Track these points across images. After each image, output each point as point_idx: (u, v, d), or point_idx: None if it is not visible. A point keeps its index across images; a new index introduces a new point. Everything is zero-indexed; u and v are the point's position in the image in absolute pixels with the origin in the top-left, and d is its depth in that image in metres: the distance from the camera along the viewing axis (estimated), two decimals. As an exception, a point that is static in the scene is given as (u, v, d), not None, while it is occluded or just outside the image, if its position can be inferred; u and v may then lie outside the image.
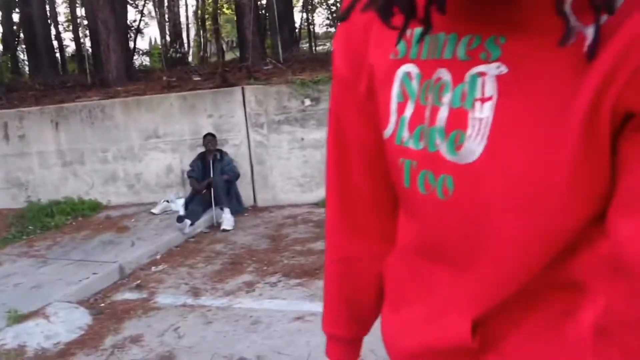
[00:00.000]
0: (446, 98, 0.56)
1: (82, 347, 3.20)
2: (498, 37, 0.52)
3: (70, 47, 16.28)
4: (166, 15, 11.51)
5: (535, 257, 0.55)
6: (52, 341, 3.25)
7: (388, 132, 0.64)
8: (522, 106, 0.51)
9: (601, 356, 0.52)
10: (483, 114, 0.53)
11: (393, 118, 0.63)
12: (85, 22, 11.72)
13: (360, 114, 0.71)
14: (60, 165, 7.02)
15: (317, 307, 3.45)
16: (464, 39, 0.55)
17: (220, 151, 6.28)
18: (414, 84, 0.60)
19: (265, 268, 4.35)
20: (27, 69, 13.61)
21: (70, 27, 15.82)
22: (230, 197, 6.02)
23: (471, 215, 0.57)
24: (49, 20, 12.50)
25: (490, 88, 0.52)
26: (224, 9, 14.76)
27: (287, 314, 3.43)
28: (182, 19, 14.00)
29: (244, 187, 6.41)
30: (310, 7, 14.13)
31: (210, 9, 12.34)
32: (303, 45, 13.91)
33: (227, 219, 5.71)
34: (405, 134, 0.61)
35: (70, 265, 4.60)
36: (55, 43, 13.62)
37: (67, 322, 3.49)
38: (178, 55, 9.10)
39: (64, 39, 16.25)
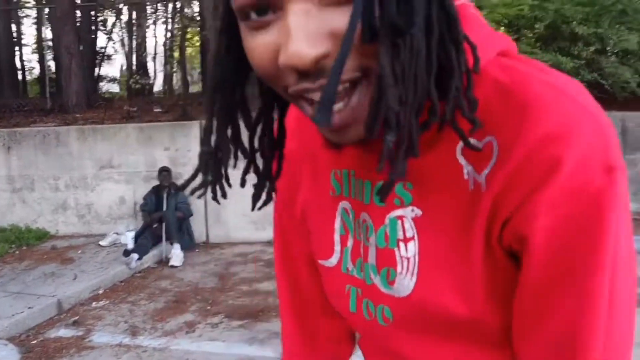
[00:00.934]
0: (372, 239, 0.61)
1: (4, 388, 3.06)
2: (406, 184, 0.57)
3: (37, 70, 16.03)
4: (133, 44, 11.49)
5: None
6: (-27, 381, 3.10)
7: (333, 261, 0.68)
8: (439, 242, 0.56)
9: None
10: (409, 253, 0.58)
11: (337, 248, 0.68)
12: (51, 45, 11.60)
13: (298, 229, 0.78)
14: (9, 191, 6.82)
15: (256, 351, 3.40)
16: (377, 186, 0.60)
17: (176, 185, 6.20)
18: (351, 219, 0.66)
19: (208, 308, 4.27)
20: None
21: (37, 50, 15.60)
22: (181, 232, 5.92)
23: (413, 336, 0.63)
24: (14, 41, 12.34)
25: (409, 229, 0.58)
26: (194, 41, 14.85)
27: (224, 357, 3.36)
28: (151, 48, 14.00)
29: (196, 223, 6.32)
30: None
31: (178, 41, 12.38)
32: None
33: (176, 255, 5.61)
34: (350, 264, 0.66)
35: (5, 297, 4.41)
36: (19, 64, 13.41)
37: (-8, 361, 3.33)
38: (137, 86, 9.05)
39: (30, 61, 16.02)
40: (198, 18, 10.51)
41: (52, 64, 12.27)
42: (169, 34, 12.12)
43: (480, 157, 0.50)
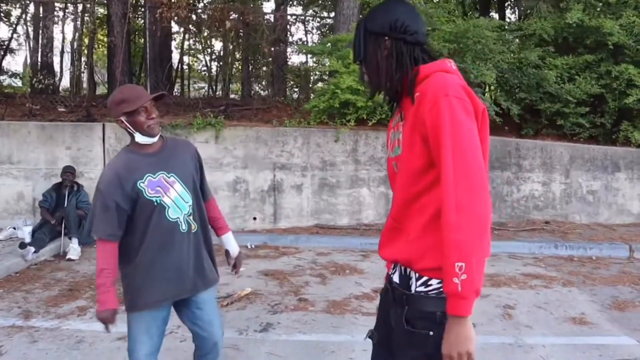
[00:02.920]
0: (394, 136, 1.65)
1: None
2: (400, 114, 1.60)
3: None
4: (39, 41, 11.33)
5: (407, 192, 1.55)
6: None
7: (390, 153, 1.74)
8: (405, 131, 1.53)
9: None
10: (401, 137, 1.56)
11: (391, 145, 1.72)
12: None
13: None
14: None
15: (142, 330, 3.83)
16: (397, 116, 1.65)
17: (77, 184, 6.45)
18: (392, 132, 1.70)
19: (101, 295, 4.62)
20: None
21: None
22: (81, 228, 6.17)
23: (398, 176, 1.58)
24: None
25: (401, 129, 1.56)
26: (104, 42, 14.74)
27: (111, 334, 3.75)
28: (58, 45, 13.74)
29: (96, 219, 6.56)
30: (190, 50, 14.62)
31: (86, 42, 12.35)
32: (184, 87, 14.28)
33: (73, 249, 5.87)
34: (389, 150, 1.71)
35: None
36: None
37: None
38: (41, 87, 9.04)
39: None
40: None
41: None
42: (77, 34, 12.06)
43: (415, 97, 1.49)
